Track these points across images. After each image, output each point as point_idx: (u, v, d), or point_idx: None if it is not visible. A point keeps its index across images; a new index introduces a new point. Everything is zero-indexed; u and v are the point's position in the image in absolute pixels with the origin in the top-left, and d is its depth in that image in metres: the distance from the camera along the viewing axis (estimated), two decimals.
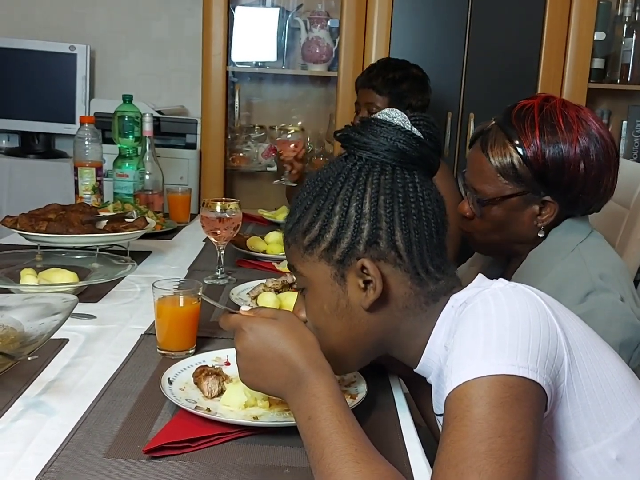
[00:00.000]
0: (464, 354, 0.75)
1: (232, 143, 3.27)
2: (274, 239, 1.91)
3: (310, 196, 0.90)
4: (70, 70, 3.14)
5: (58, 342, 1.17)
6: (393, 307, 0.89)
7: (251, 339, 0.84)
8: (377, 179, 0.87)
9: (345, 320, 0.90)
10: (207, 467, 0.81)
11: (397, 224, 0.86)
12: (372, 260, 0.86)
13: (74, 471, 0.79)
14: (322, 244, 0.88)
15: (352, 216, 0.86)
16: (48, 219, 1.64)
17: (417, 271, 0.88)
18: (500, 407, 0.69)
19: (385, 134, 0.89)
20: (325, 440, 0.74)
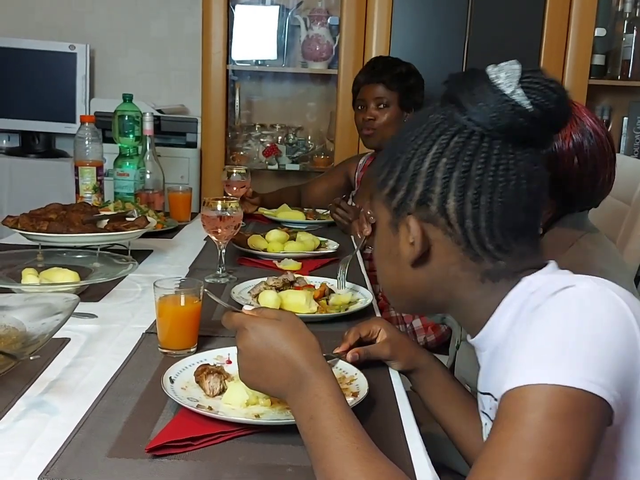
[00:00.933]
0: (534, 354, 0.70)
1: (232, 142, 3.27)
2: (274, 237, 1.92)
3: (395, 137, 0.88)
4: (70, 69, 3.14)
5: (60, 342, 1.17)
6: (439, 272, 0.85)
7: (254, 339, 0.83)
8: (448, 140, 0.81)
9: (395, 268, 0.88)
10: (209, 465, 0.81)
11: (451, 192, 0.80)
12: (420, 220, 0.83)
13: (76, 470, 0.78)
14: (385, 189, 0.87)
15: (410, 171, 0.83)
16: (49, 219, 1.64)
17: (470, 245, 0.82)
18: (557, 418, 0.65)
19: (482, 98, 0.80)
20: (327, 439, 0.74)
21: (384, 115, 2.38)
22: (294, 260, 1.75)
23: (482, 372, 0.89)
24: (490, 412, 0.85)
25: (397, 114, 2.39)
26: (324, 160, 3.26)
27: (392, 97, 2.38)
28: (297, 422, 0.79)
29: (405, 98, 2.39)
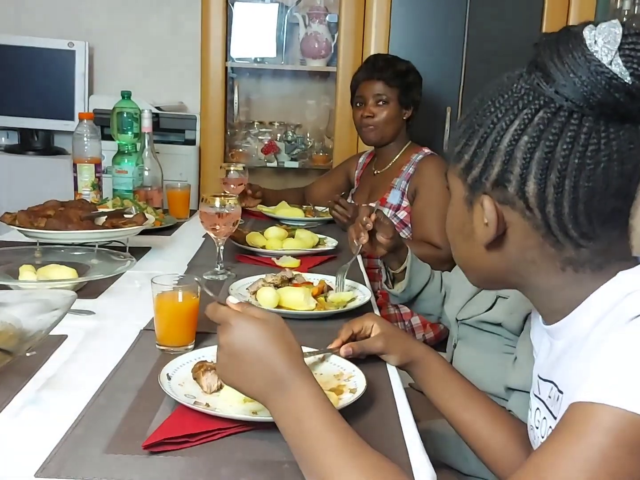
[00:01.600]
0: (620, 373, 0.63)
1: (231, 139, 3.27)
2: (273, 234, 1.92)
3: (474, 105, 0.80)
4: (69, 66, 3.14)
5: (57, 338, 1.16)
6: (514, 257, 0.79)
7: (237, 335, 0.81)
8: (531, 115, 0.72)
9: (468, 245, 0.83)
10: (206, 462, 0.81)
11: (532, 174, 0.72)
12: (496, 201, 0.76)
13: (73, 467, 0.78)
14: (462, 162, 0.80)
15: (487, 148, 0.75)
16: (47, 216, 1.64)
17: (551, 231, 0.74)
18: (627, 448, 0.60)
19: (574, 69, 0.70)
20: (317, 439, 0.73)
21: (383, 112, 2.38)
22: (293, 257, 1.75)
23: (548, 359, 0.84)
24: (549, 400, 0.81)
25: (396, 111, 2.39)
26: (322, 157, 3.26)
27: (391, 94, 2.38)
28: (280, 425, 0.78)
29: (404, 95, 2.39)
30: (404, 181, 2.35)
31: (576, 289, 0.77)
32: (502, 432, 1.01)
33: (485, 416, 1.02)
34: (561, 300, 0.79)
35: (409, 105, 2.42)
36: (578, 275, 0.76)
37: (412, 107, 2.43)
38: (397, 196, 2.36)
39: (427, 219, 2.27)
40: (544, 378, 0.84)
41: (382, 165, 2.50)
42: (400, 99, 2.39)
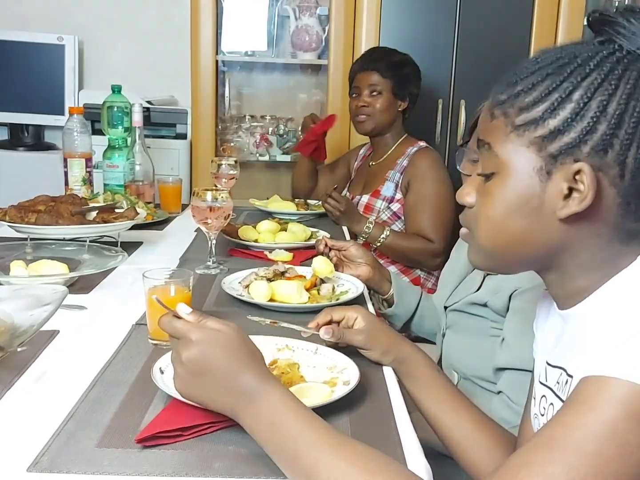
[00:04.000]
0: (631, 348, 0.64)
1: (222, 133, 3.26)
2: (265, 228, 1.91)
3: (544, 70, 0.76)
4: (59, 61, 3.12)
5: (49, 334, 1.16)
6: (588, 229, 0.75)
7: (200, 351, 0.80)
8: (635, 80, 0.72)
9: (528, 221, 0.77)
10: (199, 455, 0.81)
11: (637, 139, 0.71)
12: (593, 168, 0.73)
13: (65, 461, 0.78)
14: (540, 129, 0.75)
15: (592, 110, 0.72)
16: (37, 211, 1.63)
17: (629, 200, 0.73)
18: (637, 420, 0.61)
19: None
20: (296, 438, 0.73)
21: (377, 102, 2.39)
22: (285, 250, 1.75)
23: (558, 345, 0.84)
24: (557, 386, 0.81)
25: (389, 102, 2.40)
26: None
27: (385, 84, 2.38)
28: (256, 435, 0.78)
29: (399, 87, 2.39)
30: (398, 173, 2.36)
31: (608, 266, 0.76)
32: (486, 438, 1.01)
33: (469, 421, 1.02)
34: (589, 280, 0.77)
35: (404, 97, 2.42)
36: (621, 249, 0.76)
37: (407, 100, 2.43)
38: (391, 188, 2.36)
39: (419, 212, 2.27)
40: (553, 364, 0.83)
41: (378, 157, 2.50)
42: (394, 90, 2.39)
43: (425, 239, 2.24)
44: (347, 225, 2.25)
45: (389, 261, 2.33)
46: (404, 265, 2.35)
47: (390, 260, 2.33)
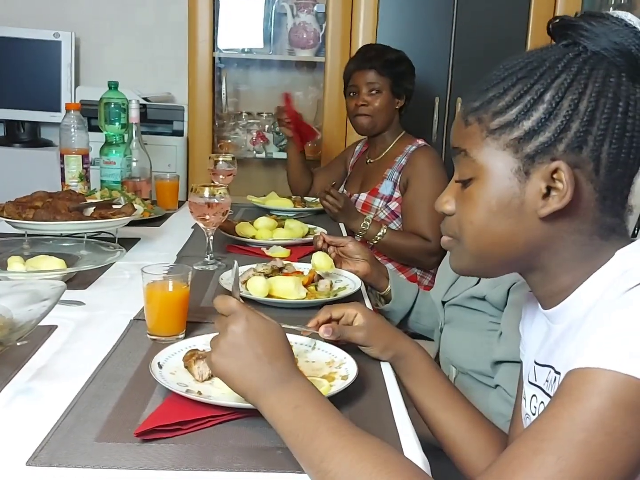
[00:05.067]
0: (614, 339, 0.65)
1: (219, 130, 3.25)
2: (263, 224, 1.91)
3: (514, 75, 0.78)
4: (55, 57, 3.11)
5: (47, 329, 1.16)
6: (568, 225, 0.77)
7: (248, 327, 0.83)
8: (603, 78, 0.75)
9: (510, 222, 0.79)
10: (199, 449, 0.81)
11: (609, 135, 0.74)
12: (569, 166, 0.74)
13: (65, 455, 0.78)
14: (515, 132, 0.77)
15: (564, 109, 0.74)
16: (35, 207, 1.63)
17: (605, 194, 0.76)
18: (624, 408, 0.62)
19: (620, 33, 0.75)
20: (318, 422, 0.75)
21: (376, 101, 2.39)
22: (283, 247, 1.75)
23: (545, 344, 0.85)
24: (546, 384, 0.82)
25: (388, 100, 2.40)
26: (311, 148, 3.24)
27: (383, 83, 2.38)
28: (275, 415, 0.79)
29: (396, 84, 2.39)
30: (397, 172, 2.36)
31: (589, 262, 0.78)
32: (481, 437, 1.01)
33: (465, 419, 1.03)
34: (570, 277, 0.79)
35: (401, 94, 2.42)
36: (602, 244, 0.78)
37: (404, 96, 2.43)
38: (389, 187, 2.36)
39: (417, 211, 2.27)
40: (542, 363, 0.85)
41: (375, 155, 2.50)
42: (392, 88, 2.39)
43: (422, 237, 2.24)
44: (345, 223, 2.25)
45: (386, 259, 2.33)
46: (401, 263, 2.35)
47: (386, 258, 2.34)
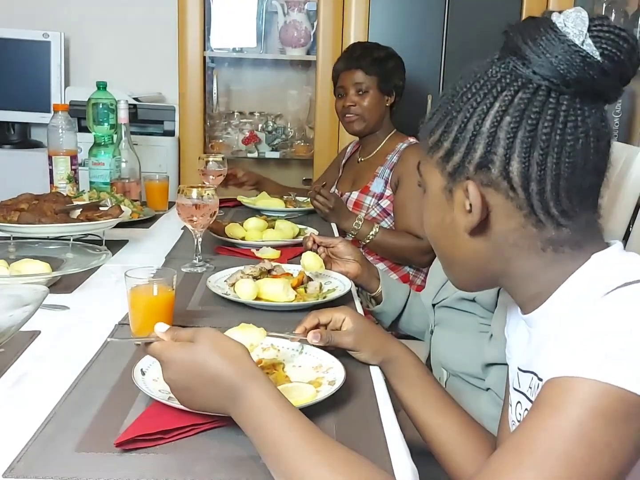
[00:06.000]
0: (593, 347, 0.64)
1: (211, 130, 3.24)
2: (253, 225, 1.89)
3: (447, 95, 0.80)
4: (45, 58, 3.09)
5: (30, 334, 1.14)
6: (498, 240, 0.79)
7: (173, 370, 0.82)
8: (512, 95, 0.74)
9: (449, 238, 0.82)
10: (180, 459, 0.79)
11: (515, 154, 0.74)
12: (480, 185, 0.76)
13: (42, 466, 0.76)
14: (440, 151, 0.79)
15: (469, 131, 0.76)
16: (20, 209, 1.61)
17: (533, 210, 0.76)
18: (603, 418, 0.61)
19: (549, 49, 0.73)
20: (277, 443, 0.72)
21: (364, 101, 2.36)
22: (273, 248, 1.73)
23: (527, 350, 0.84)
24: (529, 391, 0.81)
25: (377, 99, 2.37)
26: (303, 147, 3.23)
27: (370, 82, 2.35)
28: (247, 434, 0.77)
29: (385, 82, 2.37)
30: (388, 170, 2.34)
31: (555, 269, 0.78)
32: (471, 441, 0.99)
33: (455, 424, 1.01)
34: (540, 284, 0.79)
35: (391, 92, 2.39)
36: (557, 256, 0.78)
37: (394, 93, 2.40)
38: (381, 185, 2.34)
39: (408, 209, 2.25)
40: (524, 369, 0.84)
41: (366, 153, 2.48)
42: (380, 86, 2.36)
43: (415, 236, 2.22)
44: (336, 222, 2.23)
45: (378, 258, 2.32)
46: (393, 262, 2.33)
47: (379, 257, 2.32)
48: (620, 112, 3.16)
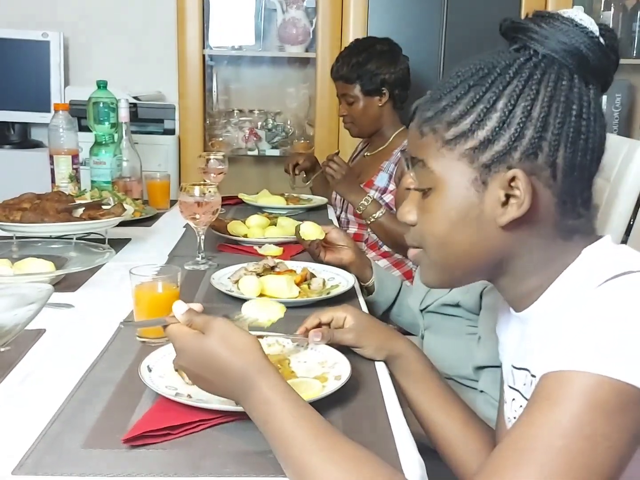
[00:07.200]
0: (588, 340, 0.65)
1: (211, 128, 3.23)
2: (255, 222, 1.90)
3: (466, 83, 0.77)
4: (44, 57, 3.08)
5: (35, 333, 1.14)
6: (528, 232, 0.77)
7: (186, 359, 0.83)
8: (554, 82, 0.74)
9: (471, 232, 0.78)
10: (188, 454, 0.79)
11: (563, 140, 0.74)
12: (526, 173, 0.74)
13: (51, 463, 0.76)
14: (470, 142, 0.76)
15: (517, 117, 0.74)
16: (23, 209, 1.61)
17: (564, 199, 0.76)
18: (600, 410, 0.62)
19: (570, 33, 0.75)
20: (286, 439, 0.72)
21: (353, 109, 2.41)
22: (275, 245, 1.73)
23: (520, 347, 0.84)
24: (524, 387, 0.81)
25: (364, 104, 2.39)
26: (304, 145, 3.23)
27: (353, 89, 2.38)
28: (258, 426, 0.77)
29: (369, 84, 2.35)
30: (393, 164, 2.34)
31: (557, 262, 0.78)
32: (475, 437, 0.99)
33: (459, 420, 1.01)
34: (539, 278, 0.79)
35: (379, 91, 2.37)
36: (566, 244, 0.78)
37: (385, 91, 2.38)
38: (385, 179, 2.34)
39: None
40: (518, 366, 0.84)
41: (373, 149, 2.50)
42: (365, 90, 2.37)
43: None
44: (344, 193, 2.22)
45: (380, 254, 2.32)
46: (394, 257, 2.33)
47: (381, 254, 2.32)
48: (620, 106, 3.16)
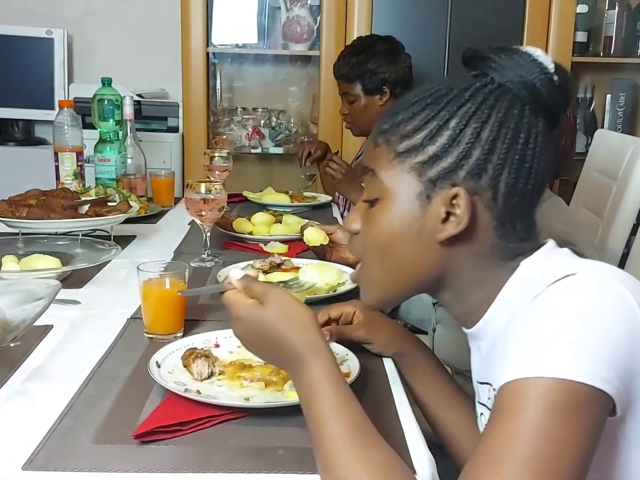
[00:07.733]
0: (533, 347, 0.67)
1: (214, 126, 3.23)
2: (260, 220, 1.90)
3: (424, 101, 0.80)
4: (48, 55, 3.08)
5: (42, 329, 1.14)
6: (467, 250, 0.79)
7: (242, 328, 0.81)
8: (506, 109, 0.78)
9: (411, 245, 0.80)
10: (198, 450, 0.79)
11: (508, 164, 0.76)
12: (468, 192, 0.76)
13: (61, 458, 0.76)
14: (420, 156, 0.78)
15: (467, 136, 0.76)
16: (29, 205, 1.60)
17: (503, 222, 0.79)
18: (557, 413, 0.63)
19: (526, 67, 0.79)
20: (321, 426, 0.72)
21: (354, 109, 2.42)
22: (281, 242, 1.73)
23: (480, 362, 0.86)
24: (489, 402, 0.82)
25: (365, 103, 2.40)
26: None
27: (354, 89, 2.40)
28: None
29: (369, 83, 2.36)
30: None
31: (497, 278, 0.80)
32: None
33: (467, 417, 1.00)
34: (482, 295, 0.82)
35: (381, 89, 2.38)
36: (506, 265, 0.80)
37: (386, 90, 2.39)
38: None
39: None
40: (481, 381, 0.85)
41: None
42: (365, 89, 2.38)
43: None
44: (346, 192, 2.23)
45: None
46: None
47: None
48: (624, 105, 3.16)
